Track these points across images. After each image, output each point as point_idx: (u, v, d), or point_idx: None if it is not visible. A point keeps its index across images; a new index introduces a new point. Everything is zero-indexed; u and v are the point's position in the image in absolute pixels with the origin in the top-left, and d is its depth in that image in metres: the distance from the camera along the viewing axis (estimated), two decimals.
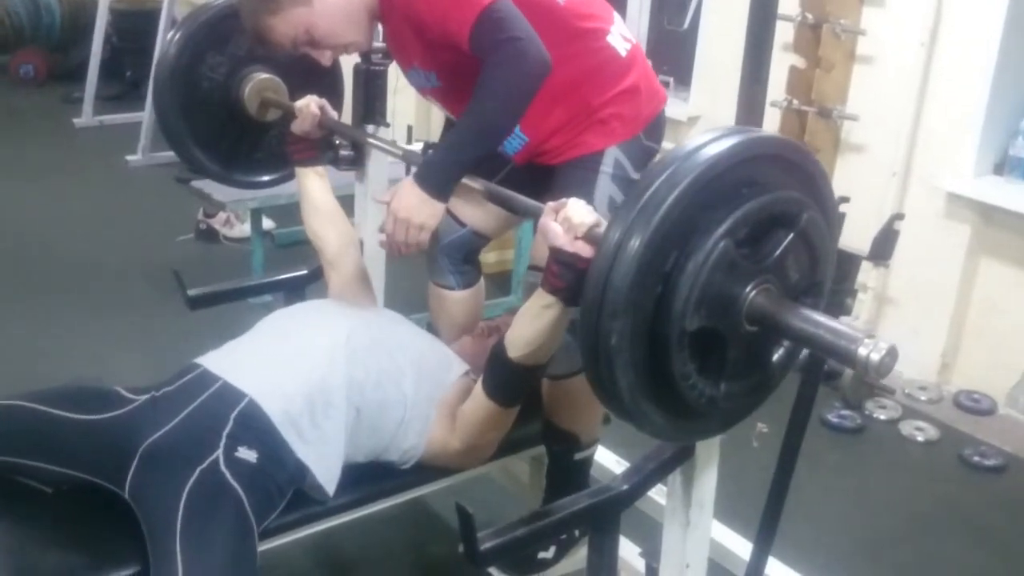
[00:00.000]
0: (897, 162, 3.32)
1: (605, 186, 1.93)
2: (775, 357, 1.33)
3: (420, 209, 1.79)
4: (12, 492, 1.74)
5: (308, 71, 2.14)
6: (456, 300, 2.23)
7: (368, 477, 1.85)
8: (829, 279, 1.37)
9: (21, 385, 1.77)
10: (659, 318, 1.20)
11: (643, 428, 1.31)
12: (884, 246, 1.59)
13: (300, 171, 2.18)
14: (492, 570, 2.05)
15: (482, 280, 2.31)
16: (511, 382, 1.74)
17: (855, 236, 1.58)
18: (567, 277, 1.47)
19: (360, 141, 2.21)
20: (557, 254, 1.47)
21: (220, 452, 1.62)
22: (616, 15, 2.01)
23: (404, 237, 1.81)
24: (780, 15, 1.79)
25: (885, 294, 3.46)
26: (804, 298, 1.31)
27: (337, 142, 2.23)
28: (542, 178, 1.99)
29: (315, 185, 2.17)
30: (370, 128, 2.25)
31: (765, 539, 1.83)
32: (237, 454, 1.63)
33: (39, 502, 1.74)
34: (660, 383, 1.24)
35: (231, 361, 1.80)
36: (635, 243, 1.15)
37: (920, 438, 3.13)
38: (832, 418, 3.16)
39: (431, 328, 2.26)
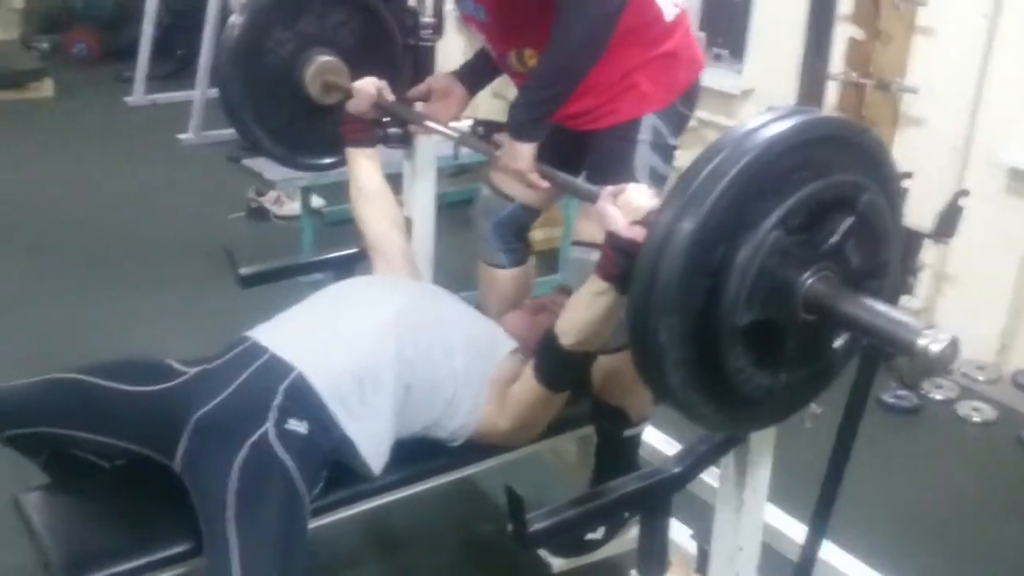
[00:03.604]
0: (958, 136, 3.23)
1: (646, 155, 1.90)
2: (837, 344, 1.28)
3: (511, 154, 1.85)
4: (70, 467, 1.78)
5: (369, 54, 2.13)
6: (507, 279, 2.22)
7: (417, 455, 1.85)
8: (895, 260, 1.32)
9: (75, 359, 1.79)
10: (709, 313, 1.16)
11: (696, 421, 1.28)
12: (948, 223, 1.54)
13: (351, 152, 2.18)
14: (540, 550, 2.04)
15: (532, 258, 2.29)
16: (562, 369, 1.73)
17: (916, 213, 1.53)
18: (622, 264, 1.43)
19: (413, 121, 2.20)
20: (613, 240, 1.44)
21: (270, 424, 1.63)
22: None
23: (519, 180, 1.89)
24: None
25: (944, 272, 3.37)
26: (868, 281, 1.26)
27: (386, 120, 2.22)
28: (576, 144, 1.97)
29: (365, 167, 2.17)
30: (418, 106, 2.23)
31: (820, 522, 1.80)
32: (287, 426, 1.64)
33: (96, 477, 1.78)
34: (714, 377, 1.20)
35: (280, 334, 1.80)
36: (686, 226, 1.11)
37: (977, 419, 3.06)
38: (888, 398, 3.09)
39: (480, 307, 2.25)
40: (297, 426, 1.64)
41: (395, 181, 2.30)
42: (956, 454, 2.92)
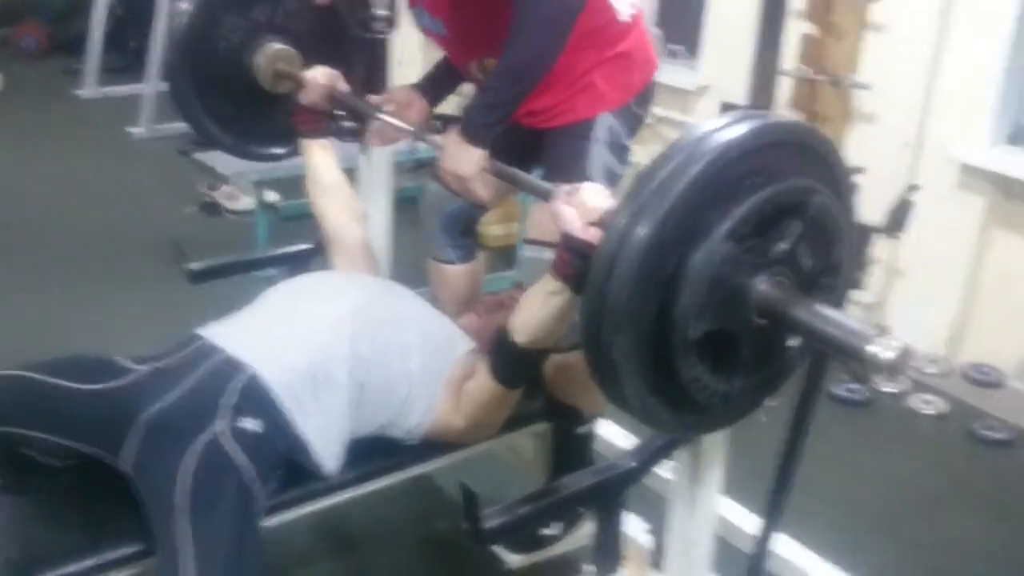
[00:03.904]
0: (910, 132, 3.27)
1: (601, 154, 1.90)
2: (791, 343, 1.28)
3: (459, 157, 1.80)
4: (20, 466, 1.74)
5: (321, 43, 2.10)
6: (456, 275, 2.21)
7: (372, 453, 1.84)
8: (848, 258, 1.33)
9: (23, 356, 1.76)
10: (662, 326, 1.16)
11: (653, 427, 1.28)
12: (899, 218, 1.56)
13: (305, 143, 2.16)
14: (496, 547, 2.03)
15: (482, 254, 2.28)
16: (517, 366, 1.73)
17: (867, 208, 1.55)
18: (577, 264, 1.43)
19: (367, 114, 2.17)
20: (568, 240, 1.43)
21: (222, 423, 1.60)
22: None
23: (457, 187, 1.82)
24: None
25: (895, 266, 3.42)
26: (823, 279, 1.27)
27: (339, 113, 2.20)
28: (531, 142, 1.96)
29: (320, 158, 2.15)
30: (371, 99, 2.20)
31: (773, 515, 1.81)
32: (241, 425, 1.62)
33: (46, 476, 1.74)
34: (669, 386, 1.21)
35: (233, 332, 1.78)
36: (641, 233, 1.11)
37: (928, 411, 3.10)
38: (839, 391, 3.13)
39: (433, 303, 2.23)
40: (250, 425, 1.62)
41: (350, 176, 2.28)
42: (907, 446, 2.96)
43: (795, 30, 3.39)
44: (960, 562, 2.41)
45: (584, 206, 1.41)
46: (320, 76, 2.10)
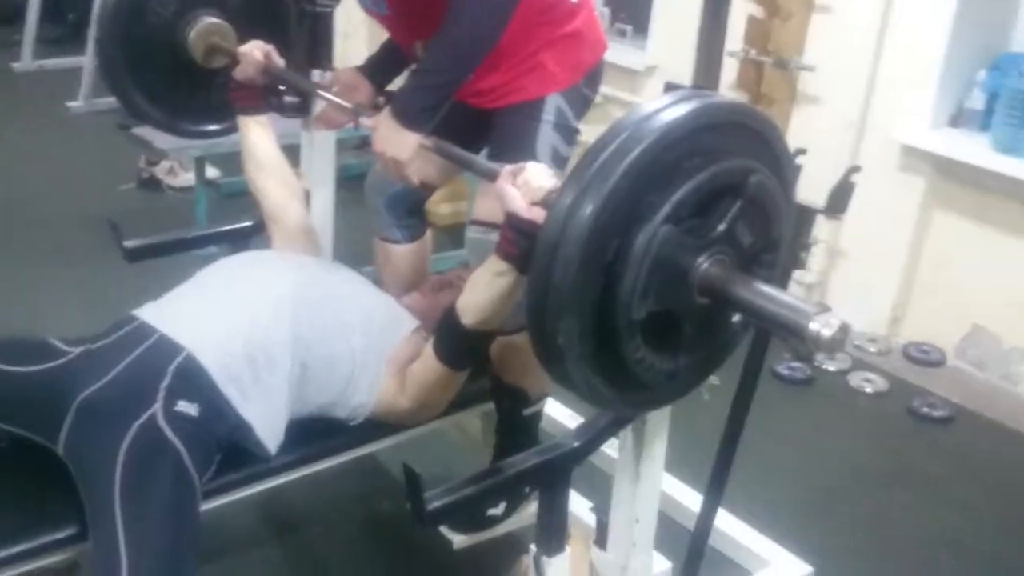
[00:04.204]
0: (853, 114, 3.31)
1: (548, 135, 1.89)
2: (734, 319, 1.30)
3: (393, 141, 1.75)
4: None
5: (258, 16, 2.06)
6: (401, 254, 2.19)
7: (316, 434, 1.82)
8: (787, 236, 1.34)
9: None
10: (606, 309, 1.16)
11: (601, 407, 1.30)
12: (840, 199, 1.57)
13: (242, 120, 2.12)
14: (441, 527, 2.03)
15: (429, 232, 2.26)
16: (463, 348, 1.72)
17: (810, 189, 1.56)
18: (522, 244, 1.42)
19: (305, 90, 2.13)
20: (512, 220, 1.42)
21: (158, 406, 1.57)
22: None
23: (392, 171, 1.78)
24: None
25: (837, 246, 3.46)
26: (762, 255, 1.28)
27: (282, 88, 2.16)
28: (478, 121, 1.94)
29: (257, 135, 2.11)
30: (316, 74, 2.16)
31: (715, 492, 1.83)
32: (177, 408, 1.59)
33: None
34: (615, 367, 1.22)
35: (169, 313, 1.74)
36: (585, 213, 1.11)
37: (869, 389, 3.16)
38: (782, 370, 3.17)
39: (378, 282, 2.21)
40: (187, 408, 1.59)
41: (293, 152, 2.24)
42: (848, 424, 3.01)
43: (742, 11, 3.41)
44: (899, 537, 2.46)
45: (528, 185, 1.40)
46: (255, 51, 2.05)
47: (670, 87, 1.41)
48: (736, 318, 1.30)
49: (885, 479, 2.72)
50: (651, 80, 4.00)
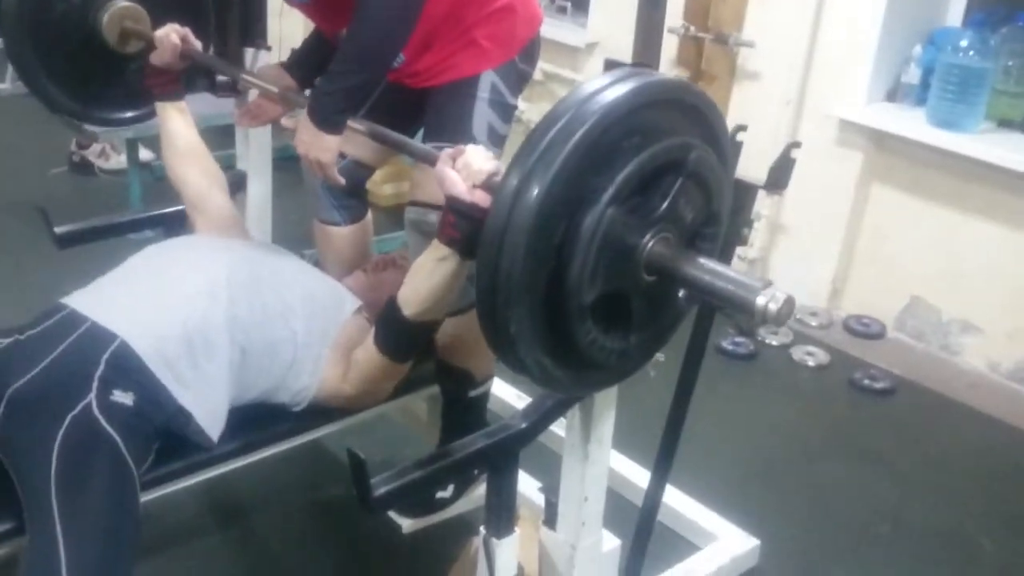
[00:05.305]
0: (792, 90, 3.33)
1: (484, 113, 1.87)
2: (680, 295, 1.30)
3: (313, 144, 1.72)
4: None
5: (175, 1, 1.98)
6: (342, 236, 2.15)
7: (259, 421, 1.79)
8: (727, 209, 1.35)
9: None
10: (556, 294, 1.16)
11: (552, 389, 1.30)
12: (780, 175, 1.57)
13: (160, 106, 2.07)
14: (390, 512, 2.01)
15: (369, 214, 2.23)
16: (404, 340, 1.70)
17: (751, 165, 1.56)
18: (464, 228, 1.40)
19: (227, 74, 2.07)
20: (454, 203, 1.40)
21: (93, 396, 1.53)
22: None
23: (317, 172, 1.75)
24: None
25: (778, 221, 3.50)
26: (704, 229, 1.28)
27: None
28: (413, 101, 1.91)
29: (176, 122, 2.06)
30: (249, 52, 2.11)
31: (663, 468, 1.84)
32: (112, 398, 1.55)
33: None
34: (567, 350, 1.22)
35: (100, 300, 1.70)
36: (530, 198, 1.10)
37: (811, 363, 3.20)
38: (726, 345, 3.20)
39: (319, 265, 2.17)
40: (122, 397, 1.55)
41: (228, 133, 2.19)
42: (791, 397, 3.05)
43: None
44: (841, 509, 2.50)
45: (468, 168, 1.38)
46: (172, 34, 1.99)
47: (610, 64, 1.40)
48: (681, 293, 1.30)
49: (828, 451, 2.76)
50: (592, 57, 3.98)
